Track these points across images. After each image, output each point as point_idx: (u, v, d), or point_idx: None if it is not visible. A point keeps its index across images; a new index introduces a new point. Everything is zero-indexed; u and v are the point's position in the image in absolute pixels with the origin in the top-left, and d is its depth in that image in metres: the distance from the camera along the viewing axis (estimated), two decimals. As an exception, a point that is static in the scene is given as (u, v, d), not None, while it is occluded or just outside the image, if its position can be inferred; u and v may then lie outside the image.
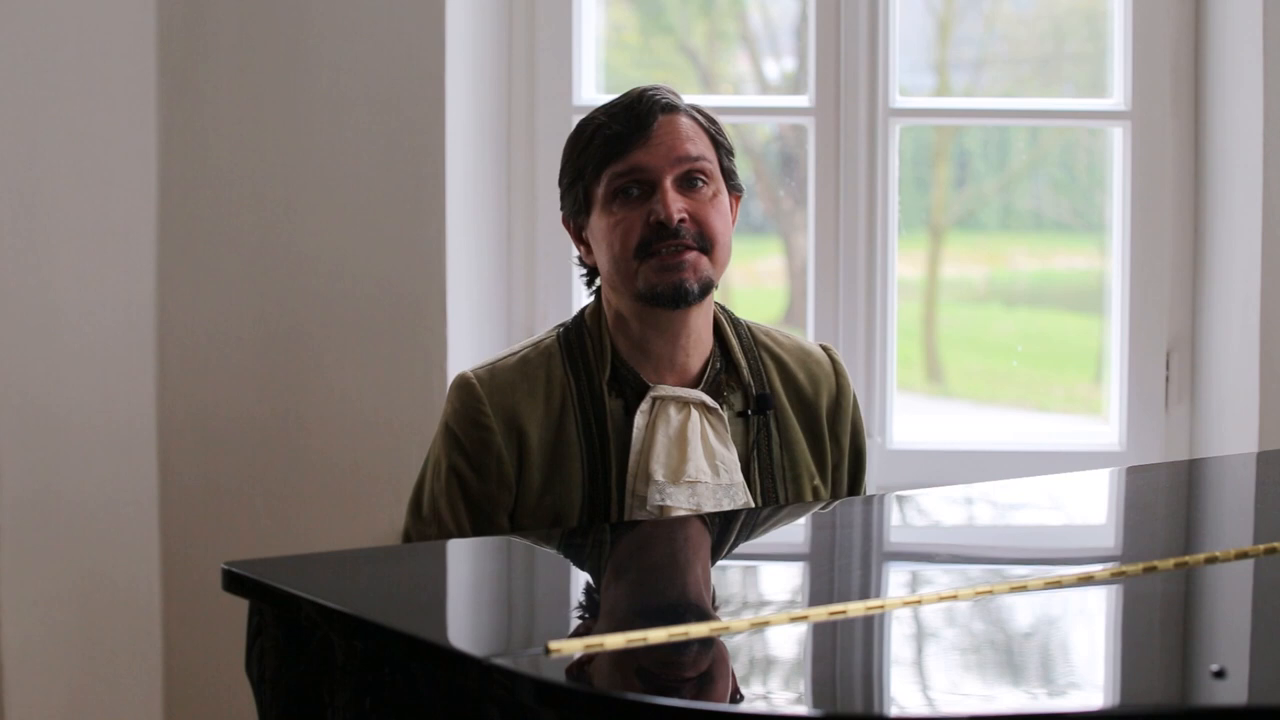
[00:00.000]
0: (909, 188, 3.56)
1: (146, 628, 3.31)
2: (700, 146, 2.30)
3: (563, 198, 2.36)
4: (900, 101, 3.46)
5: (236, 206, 3.28)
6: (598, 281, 2.37)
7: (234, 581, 1.91)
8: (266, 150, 3.26)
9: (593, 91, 3.48)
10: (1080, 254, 3.70)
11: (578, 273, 2.41)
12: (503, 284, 3.46)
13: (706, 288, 2.29)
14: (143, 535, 3.29)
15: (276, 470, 3.29)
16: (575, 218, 2.35)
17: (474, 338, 3.33)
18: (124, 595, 3.28)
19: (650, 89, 2.33)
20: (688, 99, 2.37)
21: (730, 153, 2.36)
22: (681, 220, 2.26)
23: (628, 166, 2.28)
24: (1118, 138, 3.48)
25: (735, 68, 3.74)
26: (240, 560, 1.94)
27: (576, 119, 3.40)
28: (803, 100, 3.48)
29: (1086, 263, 3.66)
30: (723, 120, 2.40)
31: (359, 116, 3.24)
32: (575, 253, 2.39)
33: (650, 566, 2.11)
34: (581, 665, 1.59)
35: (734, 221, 2.36)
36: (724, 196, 2.32)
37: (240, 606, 1.94)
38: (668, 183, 2.27)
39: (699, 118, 2.33)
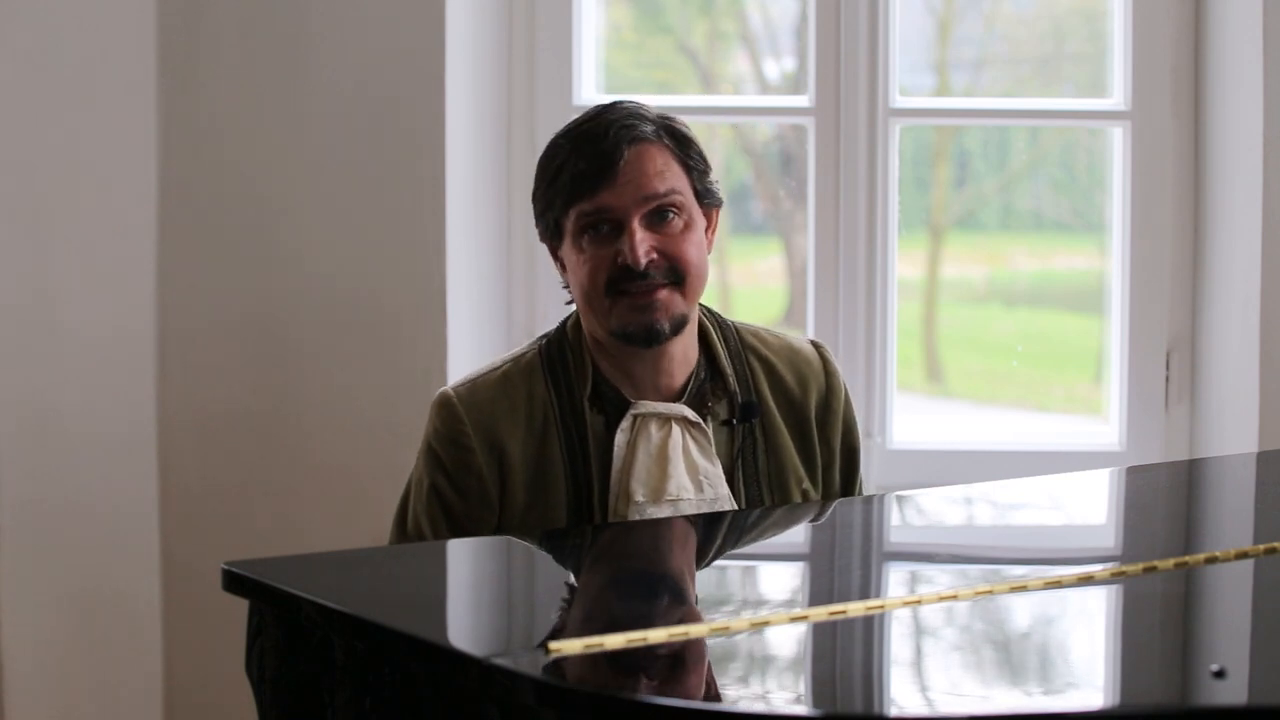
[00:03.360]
0: (909, 188, 3.56)
1: (146, 628, 3.31)
2: (670, 178, 2.22)
3: (536, 219, 2.31)
4: (900, 101, 3.46)
5: (236, 206, 3.28)
6: None
7: (234, 581, 1.91)
8: (266, 150, 3.26)
9: (592, 91, 3.48)
10: (1080, 254, 3.70)
11: (560, 283, 2.35)
12: (503, 285, 3.46)
13: (679, 324, 2.24)
14: (143, 536, 3.29)
15: (276, 471, 3.29)
16: (549, 240, 2.30)
17: (474, 339, 3.33)
18: (124, 596, 3.28)
19: (613, 113, 2.24)
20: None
21: (704, 172, 2.27)
22: (650, 261, 2.20)
23: (594, 207, 2.21)
24: (1118, 138, 3.48)
25: (735, 68, 3.73)
26: (240, 560, 1.93)
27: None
28: (803, 100, 3.48)
29: (1086, 263, 3.66)
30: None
31: (359, 116, 3.24)
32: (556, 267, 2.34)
33: (650, 567, 2.11)
34: (581, 665, 1.59)
35: (714, 233, 2.29)
36: (698, 222, 2.25)
37: (240, 606, 1.94)
38: (635, 223, 2.20)
39: (668, 143, 2.24)
